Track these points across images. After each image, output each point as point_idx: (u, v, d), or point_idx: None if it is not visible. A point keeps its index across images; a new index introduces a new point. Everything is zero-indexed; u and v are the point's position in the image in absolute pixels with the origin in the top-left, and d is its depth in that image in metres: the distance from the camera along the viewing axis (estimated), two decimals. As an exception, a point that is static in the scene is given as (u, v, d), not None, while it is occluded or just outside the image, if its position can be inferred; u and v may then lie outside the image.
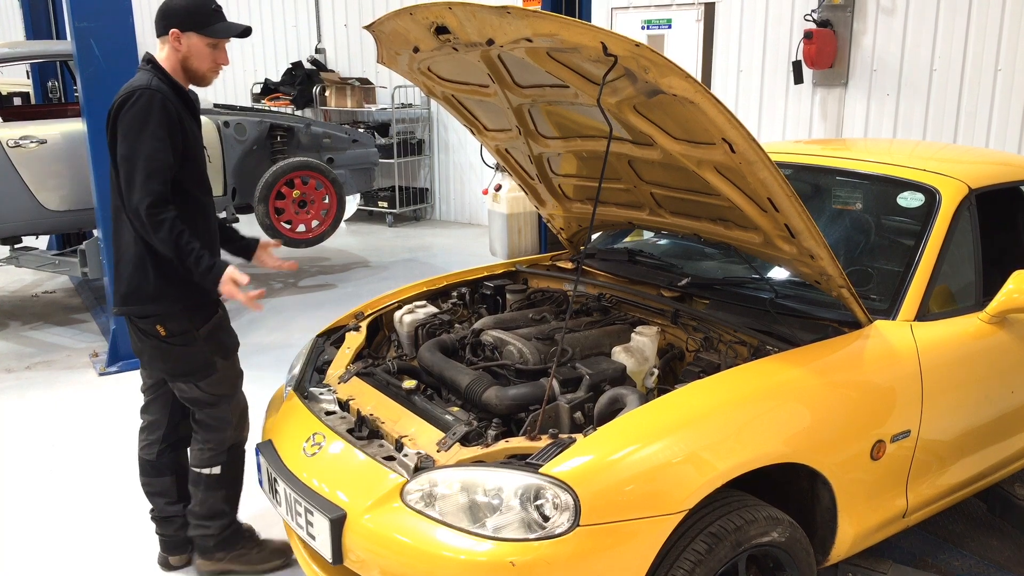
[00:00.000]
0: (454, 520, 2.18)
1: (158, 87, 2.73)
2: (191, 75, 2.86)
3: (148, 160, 2.66)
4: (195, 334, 2.86)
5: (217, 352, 2.93)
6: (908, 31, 6.75)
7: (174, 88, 2.79)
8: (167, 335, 2.84)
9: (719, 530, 2.24)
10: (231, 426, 3.02)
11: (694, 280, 3.16)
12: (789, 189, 2.39)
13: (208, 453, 3.01)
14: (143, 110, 2.68)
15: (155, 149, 2.67)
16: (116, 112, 2.73)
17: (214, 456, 3.01)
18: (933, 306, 2.85)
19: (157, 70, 2.79)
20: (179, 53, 2.81)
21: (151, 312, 2.83)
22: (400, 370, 2.97)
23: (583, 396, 2.53)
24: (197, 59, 2.83)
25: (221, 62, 2.89)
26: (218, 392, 2.96)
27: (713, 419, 2.31)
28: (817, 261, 2.58)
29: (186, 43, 2.80)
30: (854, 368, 2.59)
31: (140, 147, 2.66)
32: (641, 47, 2.16)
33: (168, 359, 2.90)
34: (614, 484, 2.13)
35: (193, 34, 2.79)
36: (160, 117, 2.69)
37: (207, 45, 2.82)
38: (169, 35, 2.79)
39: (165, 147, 2.69)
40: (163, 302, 2.82)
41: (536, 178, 3.52)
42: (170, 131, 2.71)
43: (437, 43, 2.71)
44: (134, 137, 2.67)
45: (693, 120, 2.39)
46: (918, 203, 3.03)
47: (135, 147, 2.67)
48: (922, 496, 2.81)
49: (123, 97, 2.72)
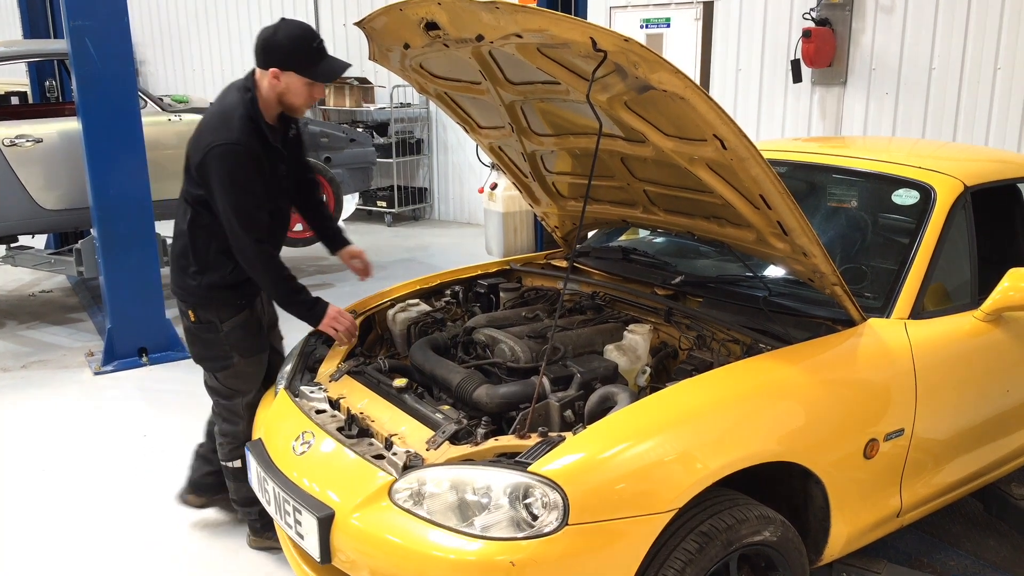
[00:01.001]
0: (442, 519, 2.16)
1: (245, 142, 2.83)
2: (285, 107, 2.96)
3: (243, 212, 2.86)
4: (219, 326, 3.05)
5: (236, 348, 3.08)
6: (907, 29, 6.74)
7: (258, 132, 2.88)
8: (195, 321, 3.07)
9: (710, 529, 2.22)
10: (243, 421, 3.12)
11: (688, 278, 3.15)
12: (781, 186, 2.37)
13: (227, 447, 3.18)
14: (233, 167, 2.83)
15: (248, 202, 2.87)
16: (206, 150, 2.84)
17: (233, 450, 3.17)
18: (928, 304, 2.82)
19: (251, 105, 2.87)
20: (276, 89, 2.89)
21: (186, 297, 3.07)
22: (392, 368, 2.95)
23: (574, 394, 2.51)
24: (293, 95, 2.91)
25: (317, 96, 2.97)
26: (232, 386, 3.12)
27: (704, 417, 2.29)
28: (810, 259, 2.56)
29: (285, 81, 2.87)
30: (847, 366, 2.57)
31: (236, 200, 2.85)
32: (630, 42, 2.14)
33: (194, 343, 3.14)
34: (603, 483, 2.11)
35: (293, 73, 2.85)
36: (249, 171, 2.85)
37: (305, 84, 2.89)
38: (269, 72, 2.86)
39: (256, 198, 2.90)
40: (197, 291, 3.03)
41: (530, 176, 3.51)
42: (256, 182, 2.89)
43: (427, 39, 2.69)
44: (227, 190, 2.84)
45: (684, 116, 2.37)
46: (913, 200, 3.01)
47: (232, 200, 2.84)
48: (917, 495, 2.79)
49: (214, 146, 2.82)
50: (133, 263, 5.24)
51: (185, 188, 3.04)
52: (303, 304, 3.01)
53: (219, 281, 3.02)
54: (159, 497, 3.74)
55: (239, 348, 3.08)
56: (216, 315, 3.04)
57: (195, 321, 3.07)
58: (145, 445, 4.28)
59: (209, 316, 3.04)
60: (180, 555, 3.32)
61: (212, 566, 3.25)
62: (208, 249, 3.01)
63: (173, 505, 3.61)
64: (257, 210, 2.91)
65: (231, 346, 3.07)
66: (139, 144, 5.17)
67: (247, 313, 3.10)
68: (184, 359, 5.39)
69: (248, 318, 3.10)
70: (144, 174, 5.20)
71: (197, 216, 3.00)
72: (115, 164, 5.10)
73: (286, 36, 2.84)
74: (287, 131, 3.07)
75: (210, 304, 3.04)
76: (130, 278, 5.26)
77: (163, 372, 5.27)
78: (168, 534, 3.46)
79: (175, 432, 4.35)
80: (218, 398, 3.18)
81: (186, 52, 12.74)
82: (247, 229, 2.87)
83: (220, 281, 3.03)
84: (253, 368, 3.14)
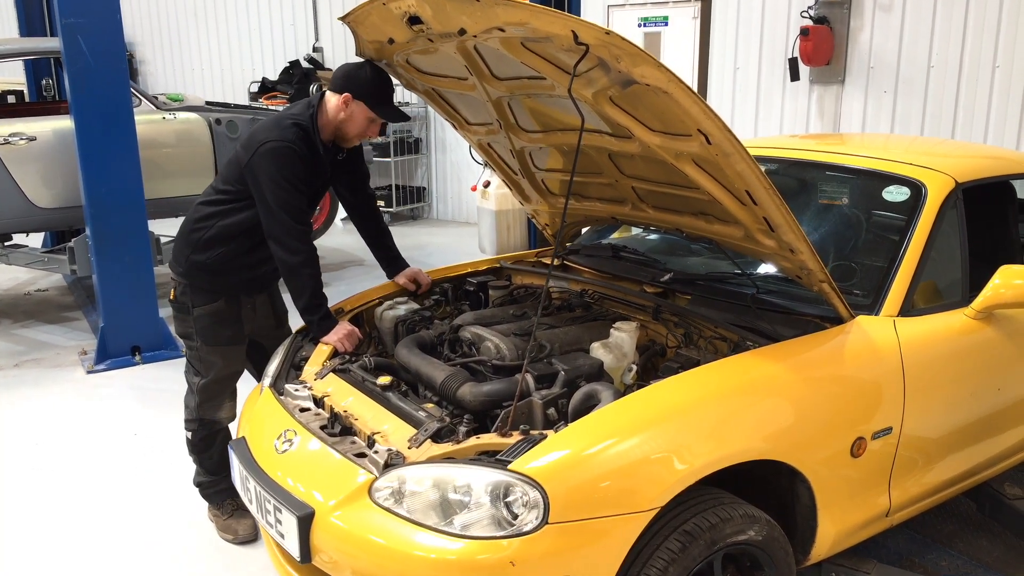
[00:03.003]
0: (422, 518, 2.14)
1: (294, 142, 2.98)
2: (340, 134, 3.13)
3: (289, 206, 2.99)
4: (190, 309, 3.20)
5: (201, 334, 3.21)
6: (905, 28, 6.70)
7: (308, 140, 3.03)
8: (173, 299, 3.27)
9: (693, 528, 2.20)
10: (195, 399, 3.30)
11: (676, 275, 3.12)
12: (767, 182, 2.34)
13: (186, 415, 3.37)
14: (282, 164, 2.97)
15: (294, 198, 3.00)
16: (257, 147, 2.98)
17: (188, 422, 3.36)
18: (918, 301, 2.80)
19: (311, 118, 3.04)
20: (341, 114, 3.06)
21: (174, 267, 3.25)
22: (378, 366, 2.92)
23: (557, 392, 2.49)
24: (353, 124, 3.08)
25: (370, 134, 3.15)
26: (194, 363, 3.30)
27: (688, 414, 2.26)
28: (797, 255, 2.53)
29: (351, 109, 3.05)
30: (834, 364, 2.54)
31: (282, 195, 2.97)
32: (612, 35, 2.12)
33: (175, 318, 3.33)
34: (584, 481, 2.09)
35: (362, 104, 3.04)
36: (296, 169, 2.99)
37: (367, 118, 3.07)
38: (341, 96, 3.03)
39: (301, 195, 3.03)
40: (183, 264, 3.18)
41: (519, 173, 3.48)
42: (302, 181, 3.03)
43: (411, 34, 2.67)
44: (275, 184, 2.97)
45: (669, 111, 2.34)
46: (904, 197, 2.98)
47: (277, 194, 2.97)
48: (906, 494, 2.76)
49: (265, 143, 2.98)
50: (126, 261, 5.23)
51: (213, 182, 3.25)
52: (318, 310, 3.07)
53: (202, 262, 3.14)
54: (154, 496, 3.72)
55: (203, 335, 3.21)
56: (190, 299, 3.19)
57: (173, 299, 3.27)
58: (136, 443, 4.26)
59: (183, 298, 3.21)
60: (180, 555, 3.31)
61: (212, 565, 3.24)
62: (209, 227, 3.14)
63: (170, 504, 3.60)
64: (302, 205, 3.04)
65: (196, 331, 3.21)
66: (132, 142, 5.15)
67: (221, 304, 3.20)
68: (177, 358, 5.38)
69: (222, 309, 3.20)
70: (137, 172, 5.19)
71: (216, 200, 3.16)
72: (108, 162, 5.08)
73: (370, 73, 3.05)
74: (336, 155, 3.22)
75: (188, 285, 3.18)
76: (123, 277, 5.24)
77: (156, 371, 5.26)
78: (167, 533, 3.45)
79: (167, 431, 4.33)
80: (187, 365, 3.35)
81: (185, 52, 12.73)
82: (297, 221, 2.99)
83: (203, 262, 3.14)
84: (214, 358, 3.24)
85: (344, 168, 3.33)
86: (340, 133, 3.12)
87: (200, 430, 3.33)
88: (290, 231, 3.00)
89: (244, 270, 3.19)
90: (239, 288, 3.22)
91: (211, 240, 3.13)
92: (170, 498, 3.70)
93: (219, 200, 3.16)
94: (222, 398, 3.32)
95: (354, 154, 3.36)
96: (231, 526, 3.38)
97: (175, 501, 3.67)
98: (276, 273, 3.21)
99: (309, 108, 3.09)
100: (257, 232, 3.08)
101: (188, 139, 6.41)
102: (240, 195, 3.10)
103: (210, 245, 3.13)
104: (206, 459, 3.39)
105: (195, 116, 6.46)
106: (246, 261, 3.17)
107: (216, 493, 3.43)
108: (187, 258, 3.17)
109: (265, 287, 3.33)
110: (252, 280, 3.24)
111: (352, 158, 3.36)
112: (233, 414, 3.38)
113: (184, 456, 3.53)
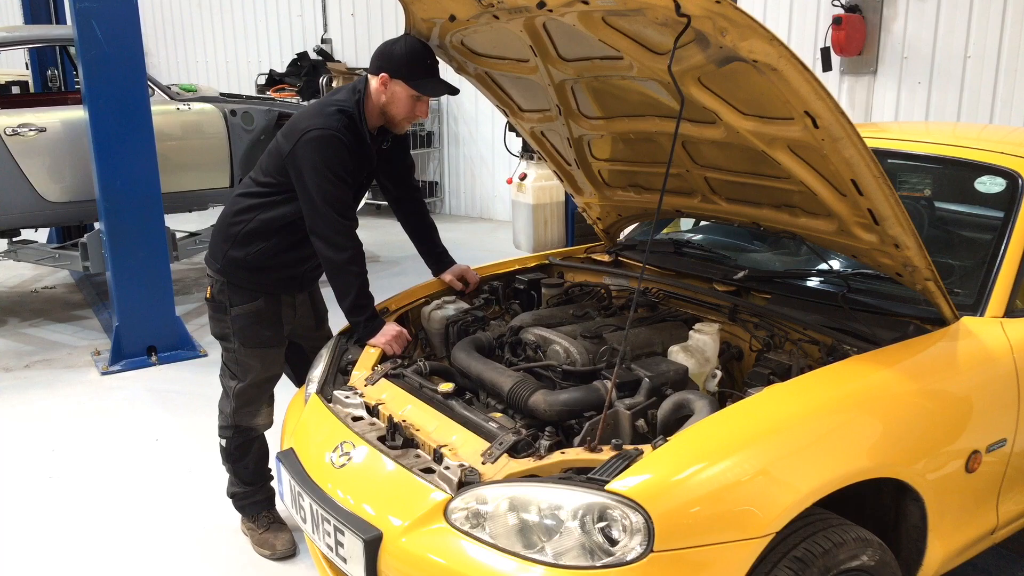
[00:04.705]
0: (507, 544, 1.92)
1: (339, 129, 2.79)
2: (387, 118, 2.93)
3: (332, 196, 2.80)
4: (227, 308, 3.00)
5: (238, 335, 3.01)
6: (941, 17, 6.48)
7: (354, 128, 2.83)
8: (209, 297, 3.06)
9: (805, 554, 1.98)
10: (231, 405, 3.09)
11: (752, 273, 2.90)
12: (878, 169, 2.12)
13: (220, 421, 3.16)
14: (327, 153, 2.78)
15: (338, 188, 2.81)
16: (300, 135, 2.79)
17: (223, 428, 3.15)
18: (1019, 302, 2.58)
19: (356, 105, 2.85)
20: (382, 97, 2.86)
21: (211, 263, 3.05)
22: (433, 371, 2.70)
23: (644, 401, 2.26)
24: (396, 105, 2.87)
25: (419, 114, 2.94)
26: (230, 366, 3.09)
27: (799, 429, 2.04)
28: (902, 251, 2.31)
29: (391, 89, 2.85)
30: (945, 370, 2.32)
31: (325, 185, 2.78)
32: (722, 4, 1.91)
33: (210, 319, 3.12)
34: (691, 503, 1.87)
35: (401, 82, 2.82)
36: (342, 157, 2.80)
37: (410, 96, 2.85)
38: (379, 77, 2.83)
39: (346, 185, 2.84)
40: (221, 260, 2.99)
41: (574, 164, 3.26)
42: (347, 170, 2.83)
43: (478, 9, 2.44)
44: (318, 173, 2.78)
45: (770, 92, 2.12)
46: (999, 188, 2.77)
47: (320, 184, 2.78)
48: (1011, 511, 2.55)
49: (309, 130, 2.78)
50: (142, 258, 4.99)
51: (253, 173, 3.04)
52: (364, 310, 2.85)
53: (241, 258, 2.95)
54: (180, 507, 3.50)
55: (241, 336, 3.01)
56: (228, 298, 2.99)
57: (209, 298, 3.06)
58: (158, 450, 4.04)
59: (220, 297, 3.01)
60: (211, 572, 3.10)
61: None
62: (248, 220, 2.95)
63: (199, 516, 3.39)
64: (347, 199, 2.85)
65: (233, 331, 3.02)
66: (148, 131, 4.91)
67: (261, 303, 2.99)
68: (195, 358, 5.16)
69: (261, 309, 3.00)
70: (154, 164, 4.95)
71: (256, 192, 2.97)
72: (123, 153, 4.84)
73: (404, 47, 2.83)
74: (381, 143, 3.03)
75: (225, 283, 2.99)
76: (138, 274, 5.01)
77: (173, 372, 5.03)
78: (197, 549, 3.24)
79: (190, 436, 4.11)
80: (222, 368, 3.15)
81: (190, 43, 12.50)
82: (342, 216, 2.81)
83: (242, 258, 2.94)
84: (252, 360, 3.04)
85: (388, 158, 3.12)
86: (388, 118, 2.92)
87: (235, 437, 3.12)
88: (335, 226, 2.80)
89: (285, 267, 2.98)
90: (280, 286, 3.00)
91: (250, 234, 2.92)
92: (199, 510, 3.48)
93: (259, 192, 2.94)
94: (259, 403, 3.11)
95: (399, 143, 3.15)
96: (268, 540, 3.15)
97: (205, 513, 3.44)
98: (319, 271, 3.01)
99: (355, 93, 2.88)
100: (300, 227, 2.87)
101: (203, 131, 6.18)
102: (282, 187, 2.88)
103: (249, 240, 2.92)
104: (241, 468, 3.17)
105: (210, 107, 6.22)
106: (288, 258, 2.96)
107: (251, 505, 3.21)
108: (224, 254, 2.96)
109: (307, 286, 3.11)
110: (293, 278, 3.02)
111: (397, 147, 3.15)
112: (270, 421, 3.17)
113: (212, 464, 3.33)
